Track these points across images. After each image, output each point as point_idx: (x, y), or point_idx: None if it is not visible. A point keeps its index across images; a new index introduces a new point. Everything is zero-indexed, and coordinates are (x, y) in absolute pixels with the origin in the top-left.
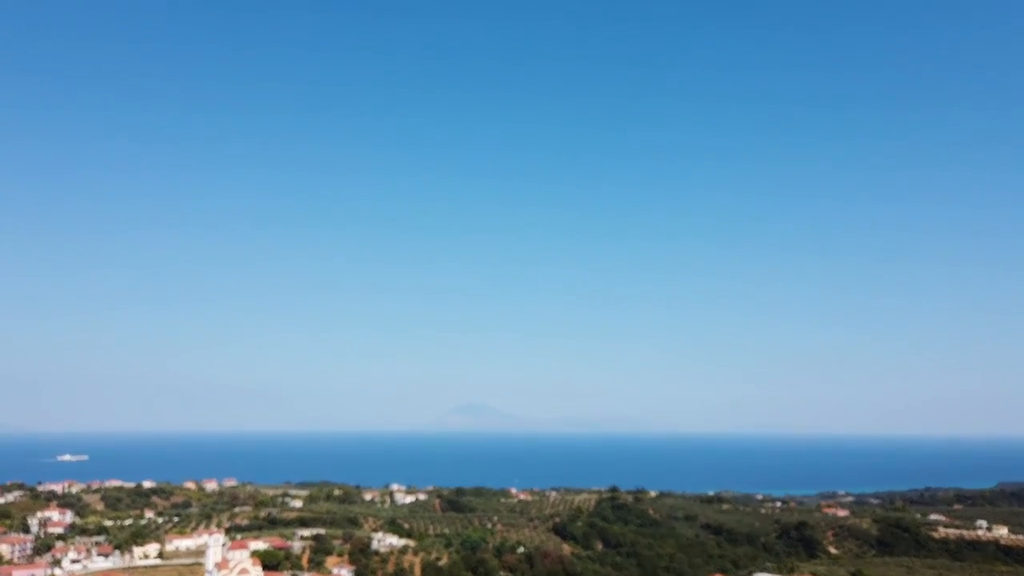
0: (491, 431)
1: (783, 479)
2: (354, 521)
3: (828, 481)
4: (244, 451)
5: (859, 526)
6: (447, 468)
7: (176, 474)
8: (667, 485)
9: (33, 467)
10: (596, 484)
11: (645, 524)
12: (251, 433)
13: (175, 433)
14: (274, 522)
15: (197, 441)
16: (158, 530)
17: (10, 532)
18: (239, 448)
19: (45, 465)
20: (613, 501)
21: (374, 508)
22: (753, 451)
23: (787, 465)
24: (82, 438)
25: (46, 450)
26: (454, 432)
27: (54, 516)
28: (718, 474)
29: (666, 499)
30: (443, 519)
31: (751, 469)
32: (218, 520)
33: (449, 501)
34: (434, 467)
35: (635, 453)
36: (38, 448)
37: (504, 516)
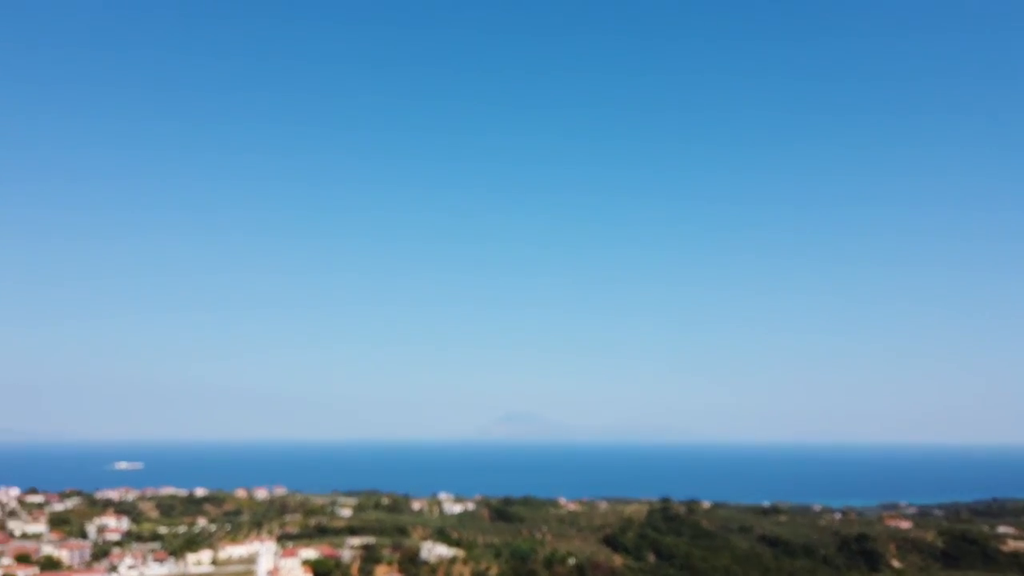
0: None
1: (841, 489)
2: (403, 530)
3: (889, 491)
4: (293, 459)
5: (923, 538)
6: (494, 477)
7: (227, 481)
8: (720, 495)
9: (90, 475)
10: (646, 494)
11: (698, 536)
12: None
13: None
14: (324, 530)
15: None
16: (211, 537)
17: (69, 538)
18: (288, 456)
19: (102, 473)
20: (665, 512)
21: (422, 517)
22: (808, 460)
23: (845, 475)
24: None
25: (103, 458)
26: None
27: (111, 523)
28: (773, 484)
29: (720, 510)
30: (492, 529)
31: (807, 479)
32: (269, 528)
33: (497, 511)
34: (481, 476)
35: (685, 463)
36: (95, 456)
37: (553, 526)
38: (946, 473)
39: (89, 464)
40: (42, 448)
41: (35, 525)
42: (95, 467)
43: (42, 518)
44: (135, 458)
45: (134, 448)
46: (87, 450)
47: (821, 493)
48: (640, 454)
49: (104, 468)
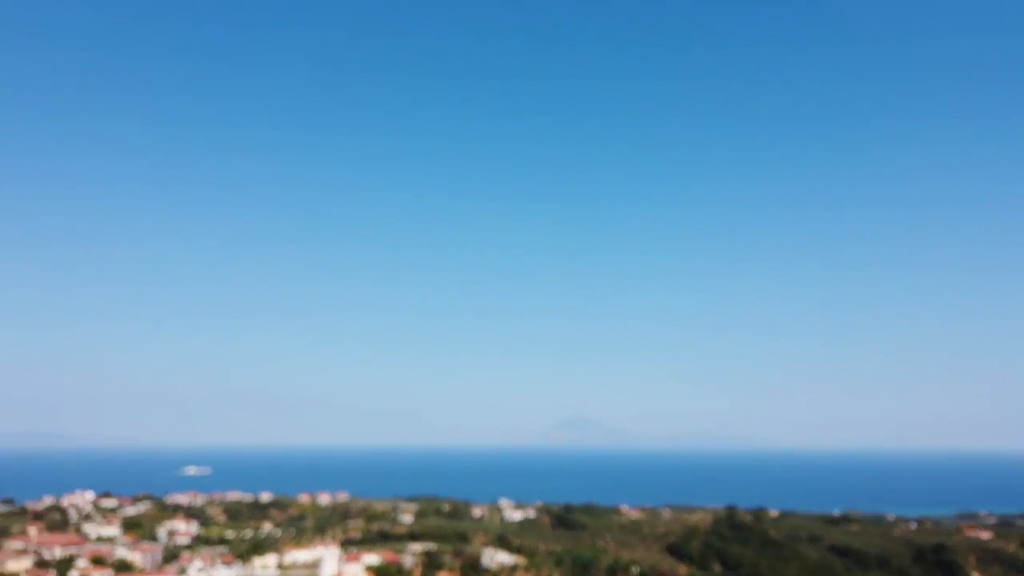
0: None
1: (915, 498)
2: (464, 536)
3: (967, 499)
4: (355, 464)
5: (1005, 549)
6: (554, 483)
7: (291, 486)
8: (787, 504)
9: (161, 479)
10: (710, 502)
11: (766, 545)
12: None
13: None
14: (385, 536)
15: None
16: (276, 542)
17: (141, 541)
18: (350, 462)
19: (172, 477)
20: (731, 520)
21: (483, 523)
22: (879, 467)
23: (919, 482)
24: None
25: (173, 463)
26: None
27: (180, 527)
28: (842, 492)
29: (788, 519)
30: (553, 536)
31: (879, 487)
32: (332, 533)
33: (558, 518)
34: (541, 482)
35: (750, 470)
36: (166, 461)
37: (615, 534)
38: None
39: (160, 469)
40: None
41: (109, 528)
42: (166, 472)
43: (115, 521)
44: (204, 463)
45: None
46: (158, 455)
47: (894, 501)
48: (703, 461)
49: (174, 473)
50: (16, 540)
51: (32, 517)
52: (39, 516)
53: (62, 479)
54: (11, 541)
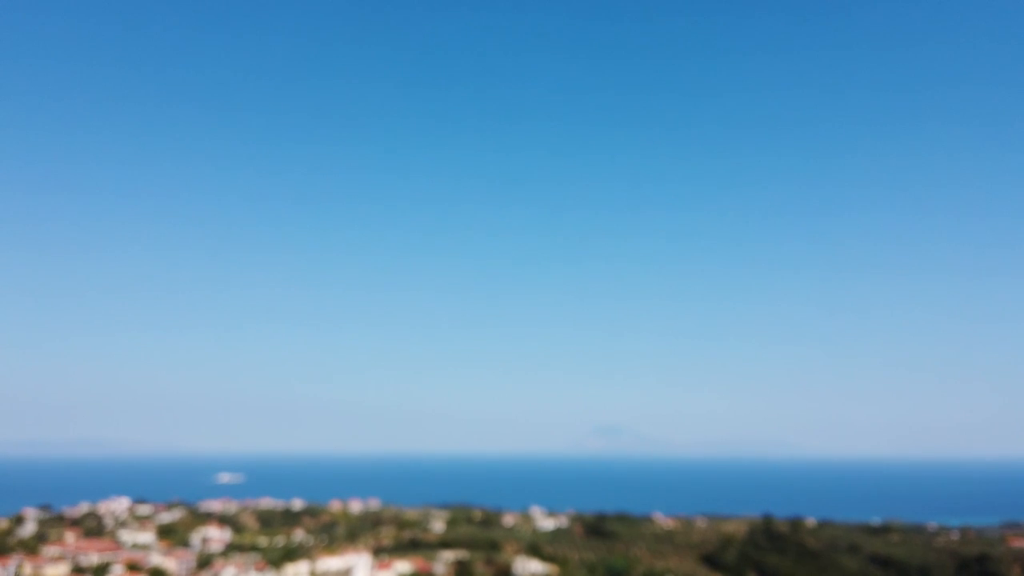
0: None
1: (958, 506)
2: (495, 545)
3: (1012, 508)
4: (386, 472)
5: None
6: (586, 492)
7: (323, 493)
8: (825, 512)
9: (194, 486)
10: (746, 511)
11: (804, 555)
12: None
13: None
14: (417, 544)
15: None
16: (308, 549)
17: (175, 548)
18: (381, 468)
19: (205, 484)
20: (767, 530)
21: (514, 532)
22: (919, 475)
23: (961, 490)
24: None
25: (206, 469)
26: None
27: (214, 533)
28: (882, 500)
29: (826, 528)
30: (585, 545)
31: (919, 495)
32: (364, 540)
33: (591, 526)
34: (573, 490)
35: (787, 478)
36: (199, 468)
37: (649, 543)
38: None
39: (194, 475)
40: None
41: (144, 535)
42: (199, 479)
43: (150, 528)
44: (237, 470)
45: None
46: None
47: (936, 510)
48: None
49: (207, 480)
50: (54, 546)
51: (69, 523)
52: (76, 522)
53: (98, 486)
54: (49, 547)
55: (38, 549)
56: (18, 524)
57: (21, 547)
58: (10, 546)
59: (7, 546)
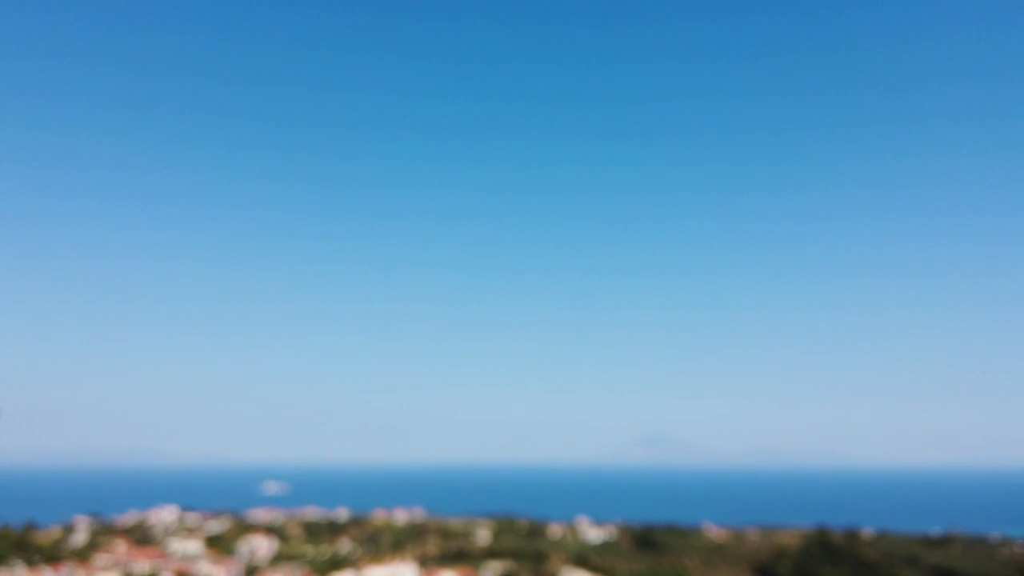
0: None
1: (1022, 517)
2: (541, 556)
3: None
4: (430, 481)
5: None
6: (632, 502)
7: (367, 503)
8: (882, 524)
9: (241, 495)
10: (799, 522)
11: (861, 567)
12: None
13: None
14: (462, 554)
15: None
16: (354, 559)
17: (222, 557)
18: (425, 478)
19: (252, 494)
20: (822, 541)
21: (561, 543)
22: (980, 485)
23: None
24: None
25: (254, 479)
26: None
27: (260, 543)
28: (941, 511)
29: (883, 540)
30: (633, 557)
31: (981, 505)
32: (409, 550)
33: (639, 538)
34: (619, 501)
35: (840, 488)
36: (246, 477)
37: (699, 555)
38: None
39: (241, 485)
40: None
41: (192, 544)
42: (246, 488)
43: (198, 537)
44: (283, 479)
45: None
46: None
47: (999, 521)
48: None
49: (254, 489)
50: (104, 554)
51: (119, 532)
52: (126, 531)
53: (147, 495)
54: (100, 555)
55: (89, 557)
56: (70, 533)
57: (73, 555)
58: (62, 554)
59: (59, 554)
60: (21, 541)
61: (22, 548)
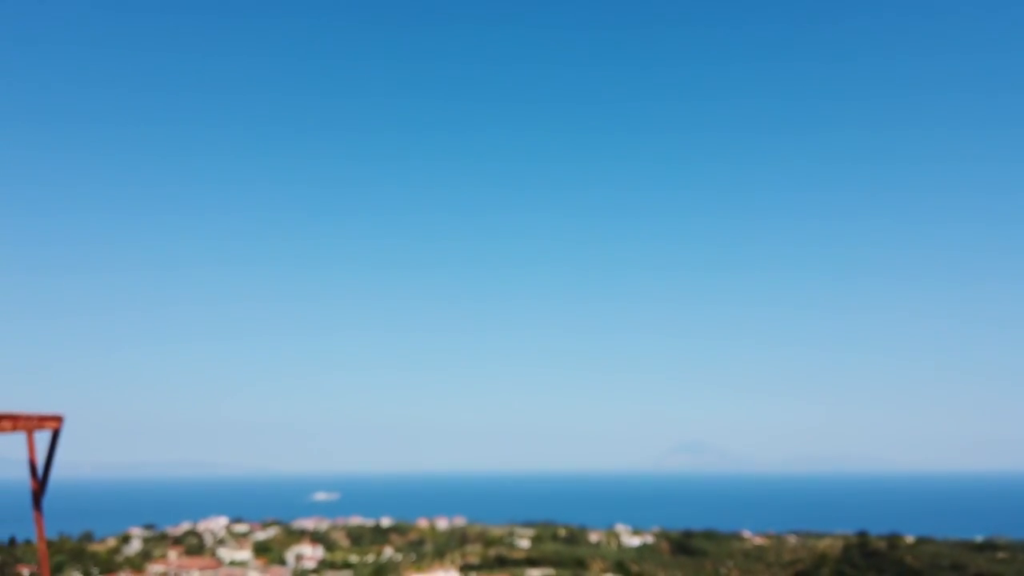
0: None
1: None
2: (581, 562)
3: None
4: (471, 489)
5: None
6: (670, 509)
7: (410, 511)
8: (923, 530)
9: (290, 505)
10: (840, 528)
11: (903, 574)
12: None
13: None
14: (503, 561)
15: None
16: (397, 566)
17: (271, 565)
18: (466, 486)
19: (302, 503)
20: (863, 547)
21: (600, 550)
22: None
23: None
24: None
25: (304, 489)
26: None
27: (307, 551)
28: (985, 517)
29: (926, 545)
30: (673, 563)
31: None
32: (451, 557)
33: (678, 544)
34: (657, 508)
35: (881, 494)
36: (297, 487)
37: (739, 561)
38: None
39: (291, 495)
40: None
41: (241, 552)
42: (297, 498)
43: (247, 546)
44: (333, 489)
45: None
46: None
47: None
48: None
49: (305, 499)
50: (158, 564)
51: (172, 542)
52: (178, 540)
53: (198, 505)
54: (153, 564)
55: (143, 566)
56: (124, 543)
57: (127, 564)
58: (117, 564)
59: (114, 564)
60: (78, 550)
61: (79, 557)
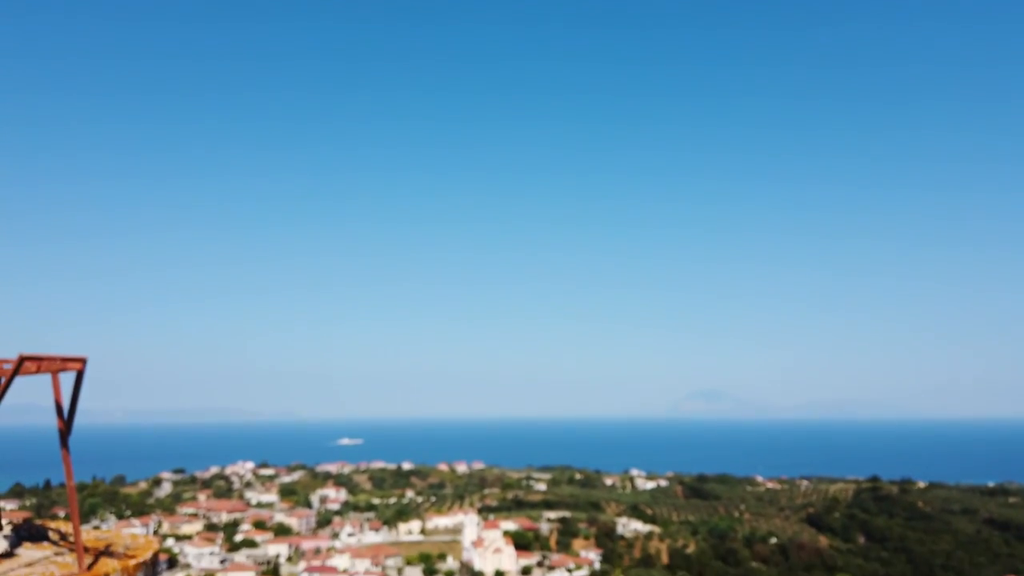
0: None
1: None
2: (596, 505)
3: None
4: (489, 435)
5: None
6: (685, 454)
7: (431, 456)
8: (936, 475)
9: (316, 450)
10: (852, 473)
11: (914, 518)
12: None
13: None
14: (520, 504)
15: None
16: (418, 508)
17: (296, 507)
18: (485, 432)
19: (327, 448)
20: (875, 491)
21: (615, 493)
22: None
23: None
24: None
25: (329, 434)
26: (691, 418)
27: (331, 494)
28: (998, 463)
29: (937, 490)
30: (686, 506)
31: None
32: (470, 500)
33: (691, 488)
34: (672, 453)
35: (894, 440)
36: (323, 433)
37: (751, 505)
38: None
39: (317, 440)
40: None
41: (267, 495)
42: (322, 443)
43: (273, 489)
44: (357, 435)
45: (356, 426)
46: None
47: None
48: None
49: (329, 444)
50: (188, 506)
51: (201, 485)
52: (206, 484)
53: (226, 451)
54: (184, 506)
55: (174, 509)
56: (155, 486)
57: (158, 506)
58: (149, 506)
59: (146, 506)
60: (111, 493)
61: (112, 500)
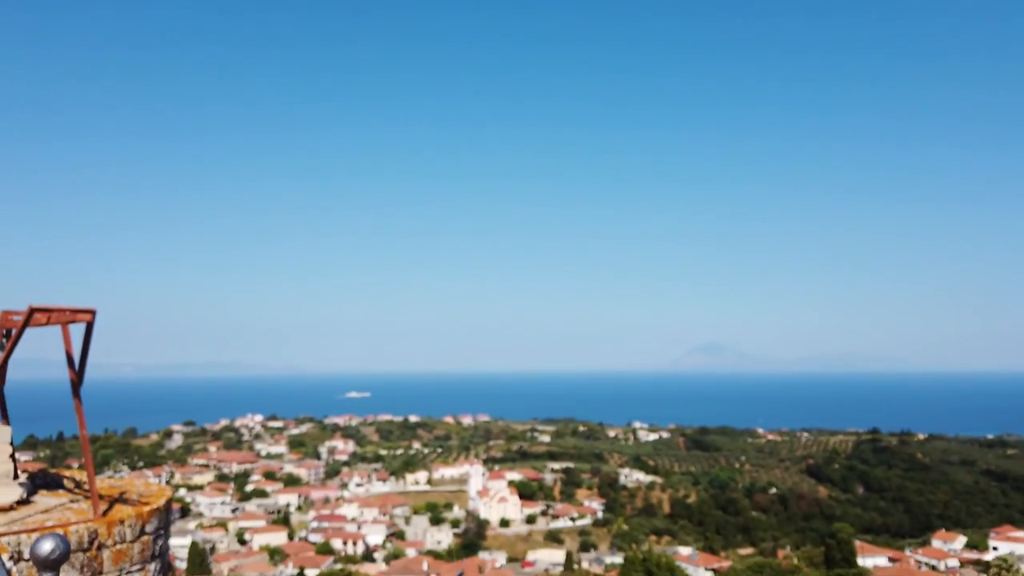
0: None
1: None
2: (600, 456)
3: None
4: (494, 389)
5: None
6: (688, 407)
7: (436, 409)
8: (935, 428)
9: (324, 403)
10: (852, 426)
11: (913, 469)
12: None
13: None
14: (525, 455)
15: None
16: (425, 460)
17: (305, 458)
18: (490, 386)
19: (335, 401)
20: (874, 443)
21: (618, 445)
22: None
23: None
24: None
25: (337, 388)
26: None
27: (339, 445)
28: (997, 416)
29: (936, 442)
30: (687, 457)
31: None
32: (476, 452)
33: (693, 439)
34: (674, 406)
35: (894, 393)
36: (330, 386)
37: (751, 456)
38: None
39: (325, 393)
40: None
41: (277, 447)
42: (330, 396)
43: (282, 441)
44: (364, 388)
45: (364, 379)
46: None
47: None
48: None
49: (337, 397)
50: (199, 457)
51: (211, 437)
52: (217, 436)
53: (235, 404)
54: (195, 458)
55: (186, 460)
56: (167, 438)
57: (171, 458)
58: (160, 457)
59: (158, 457)
60: (123, 445)
61: (124, 451)
